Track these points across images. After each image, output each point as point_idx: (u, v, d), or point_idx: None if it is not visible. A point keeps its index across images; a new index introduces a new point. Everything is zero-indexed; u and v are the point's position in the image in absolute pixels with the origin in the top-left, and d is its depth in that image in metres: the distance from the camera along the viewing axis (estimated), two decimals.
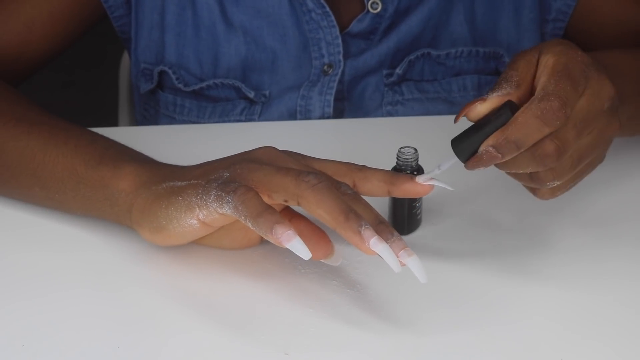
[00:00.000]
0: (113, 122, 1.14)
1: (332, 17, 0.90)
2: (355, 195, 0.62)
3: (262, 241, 0.69)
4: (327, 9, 0.89)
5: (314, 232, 0.64)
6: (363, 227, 0.58)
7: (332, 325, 0.62)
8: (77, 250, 0.70)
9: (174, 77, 0.93)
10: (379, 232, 0.59)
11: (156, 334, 0.62)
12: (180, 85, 0.93)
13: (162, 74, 0.95)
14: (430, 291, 0.65)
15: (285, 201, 0.62)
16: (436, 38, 0.93)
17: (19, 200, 0.74)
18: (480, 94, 0.94)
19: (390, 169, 0.68)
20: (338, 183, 0.63)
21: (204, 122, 0.94)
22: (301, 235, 0.62)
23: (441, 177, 0.64)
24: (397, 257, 0.59)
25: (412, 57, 0.92)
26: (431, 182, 0.64)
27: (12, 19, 0.89)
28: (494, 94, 0.62)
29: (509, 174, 0.64)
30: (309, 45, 0.91)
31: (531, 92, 0.63)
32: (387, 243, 0.59)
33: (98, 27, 0.96)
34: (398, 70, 0.92)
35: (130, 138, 0.75)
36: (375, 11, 0.90)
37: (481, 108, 0.62)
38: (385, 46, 0.92)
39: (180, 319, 0.63)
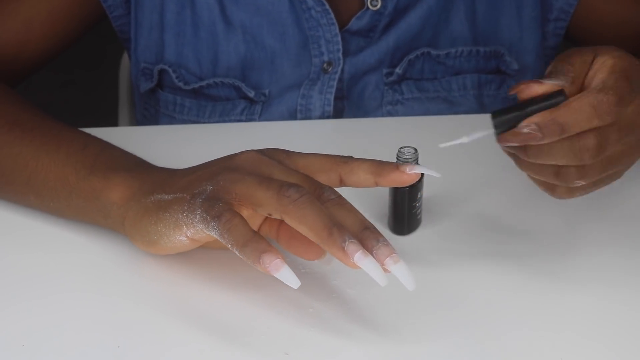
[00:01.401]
0: (113, 122, 1.14)
1: (332, 15, 0.90)
2: (339, 201, 0.61)
3: None
4: (327, 6, 0.89)
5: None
6: (347, 242, 0.57)
7: (332, 326, 0.62)
8: (78, 252, 0.70)
9: (173, 75, 0.93)
10: (364, 239, 0.58)
11: (156, 334, 0.62)
12: (180, 84, 0.93)
13: (162, 72, 0.94)
14: (430, 292, 0.65)
15: (270, 215, 0.61)
16: (436, 36, 0.93)
17: (17, 204, 0.74)
18: (480, 92, 0.94)
19: None
20: (321, 188, 0.61)
21: (204, 122, 0.94)
22: (293, 237, 0.62)
23: (433, 165, 0.63)
24: (383, 264, 0.58)
25: (411, 56, 0.92)
26: (417, 170, 0.63)
27: (10, 18, 0.89)
28: (551, 81, 0.62)
29: (530, 170, 0.63)
30: (309, 43, 0.91)
31: (580, 92, 0.62)
32: (373, 250, 0.58)
33: (98, 27, 0.96)
34: (398, 70, 0.92)
35: (130, 138, 0.75)
36: (374, 8, 0.90)
37: (537, 88, 0.61)
38: (385, 44, 0.92)
39: (180, 319, 0.63)
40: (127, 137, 0.75)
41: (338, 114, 0.93)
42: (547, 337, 0.62)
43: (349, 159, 0.65)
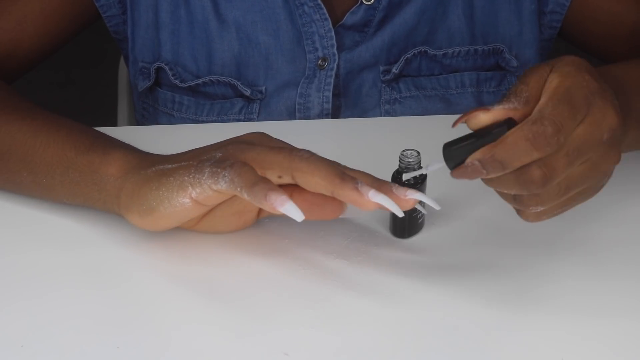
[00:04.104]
0: (112, 122, 1.14)
1: (324, 10, 0.90)
2: (348, 167, 0.64)
3: (255, 223, 0.70)
4: (319, 1, 0.89)
5: (321, 195, 0.64)
6: (359, 184, 0.61)
7: (332, 326, 0.62)
8: (76, 250, 0.70)
9: (170, 73, 0.93)
10: (380, 186, 0.62)
11: (156, 335, 0.62)
12: (177, 82, 0.94)
13: (159, 70, 0.95)
14: (431, 293, 0.65)
15: (280, 177, 0.63)
16: (432, 32, 0.93)
17: (4, 189, 0.74)
18: (478, 90, 0.94)
19: (392, 172, 0.68)
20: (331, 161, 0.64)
21: (203, 120, 0.94)
22: (307, 201, 0.64)
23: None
24: (406, 196, 0.62)
25: (408, 54, 0.92)
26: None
27: (3, 16, 0.89)
28: (500, 106, 0.59)
29: (498, 192, 0.62)
30: (303, 39, 0.91)
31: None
32: (392, 189, 0.62)
33: (97, 27, 0.96)
34: (395, 70, 0.92)
35: (130, 138, 0.75)
36: (368, 3, 0.90)
37: (483, 117, 0.59)
38: (380, 39, 0.92)
39: (180, 319, 0.63)
40: (126, 136, 0.75)
41: (335, 111, 0.93)
42: (547, 337, 0.62)
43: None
